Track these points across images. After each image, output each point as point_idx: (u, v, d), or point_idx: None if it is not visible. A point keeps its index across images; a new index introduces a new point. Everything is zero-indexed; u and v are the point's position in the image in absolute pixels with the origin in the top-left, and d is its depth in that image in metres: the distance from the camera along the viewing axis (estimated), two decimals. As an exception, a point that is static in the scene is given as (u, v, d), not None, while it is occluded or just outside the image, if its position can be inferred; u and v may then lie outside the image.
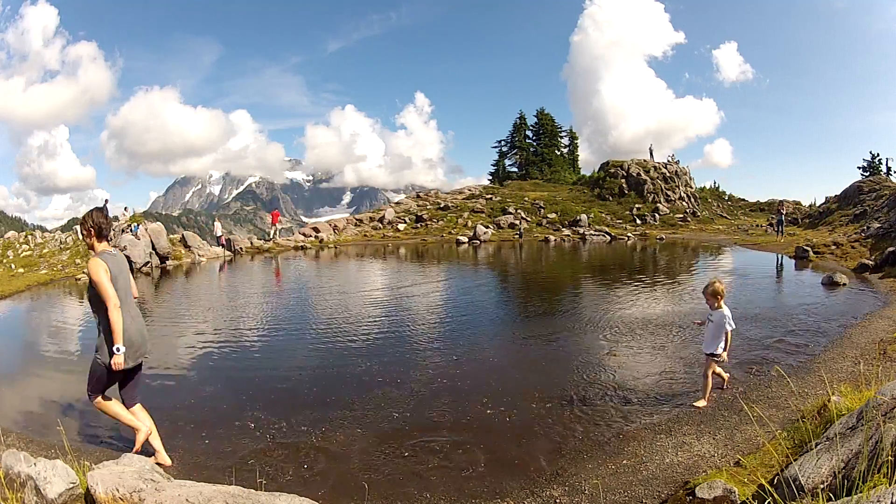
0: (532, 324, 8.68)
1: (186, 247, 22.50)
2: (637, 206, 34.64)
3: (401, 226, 33.15)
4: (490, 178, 56.40)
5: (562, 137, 55.84)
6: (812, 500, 2.09)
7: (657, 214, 33.64)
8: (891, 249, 12.12)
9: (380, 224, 33.89)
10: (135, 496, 2.54)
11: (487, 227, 30.49)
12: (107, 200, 22.57)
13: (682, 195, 36.46)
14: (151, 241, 19.61)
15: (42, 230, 28.12)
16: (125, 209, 23.19)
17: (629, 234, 29.16)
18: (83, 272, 16.83)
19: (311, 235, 30.09)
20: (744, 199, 42.85)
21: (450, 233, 30.99)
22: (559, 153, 55.04)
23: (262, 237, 29.91)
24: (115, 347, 3.40)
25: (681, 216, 33.61)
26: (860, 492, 1.85)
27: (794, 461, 2.47)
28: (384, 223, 33.91)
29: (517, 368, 6.06)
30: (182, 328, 8.81)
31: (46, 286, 15.29)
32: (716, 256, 18.94)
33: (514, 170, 55.32)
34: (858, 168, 38.96)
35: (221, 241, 24.88)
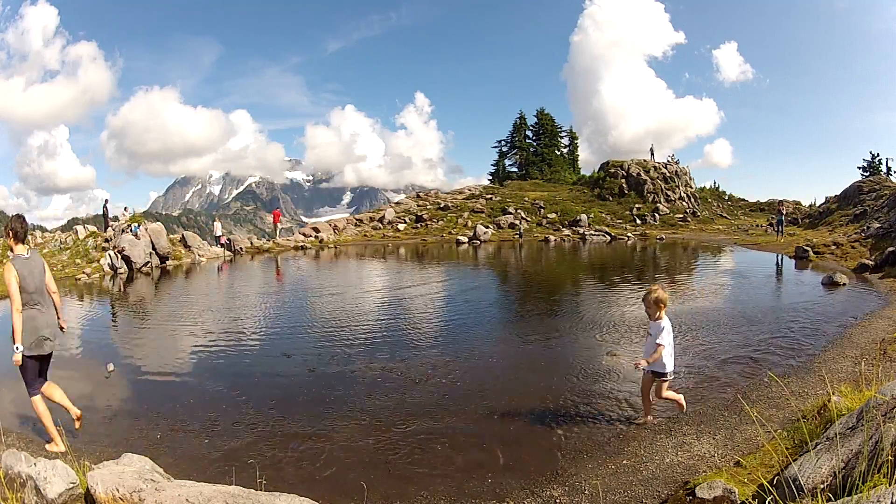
0: (532, 324, 8.68)
1: (186, 247, 22.51)
2: (637, 206, 34.64)
3: (401, 226, 33.16)
4: (490, 178, 56.38)
5: (562, 137, 55.87)
6: (812, 501, 2.09)
7: (657, 214, 33.63)
8: (891, 249, 12.12)
9: (380, 224, 33.90)
10: (135, 496, 2.54)
11: (487, 227, 30.49)
12: (107, 200, 22.55)
13: (682, 195, 36.46)
14: (151, 241, 19.62)
15: (42, 230, 28.09)
16: (125, 209, 23.15)
17: (629, 234, 29.16)
18: (83, 272, 16.85)
19: (311, 235, 30.11)
20: (744, 199, 42.83)
21: (450, 233, 30.99)
22: (559, 153, 55.02)
23: (263, 237, 29.91)
24: (15, 346, 3.81)
25: (681, 216, 33.61)
26: (860, 492, 1.85)
27: (794, 461, 2.47)
28: (384, 223, 33.92)
29: (517, 369, 6.07)
30: (182, 328, 8.82)
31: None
32: (716, 256, 18.94)
33: (514, 170, 55.30)
34: (858, 168, 39.00)
35: (221, 241, 24.89)
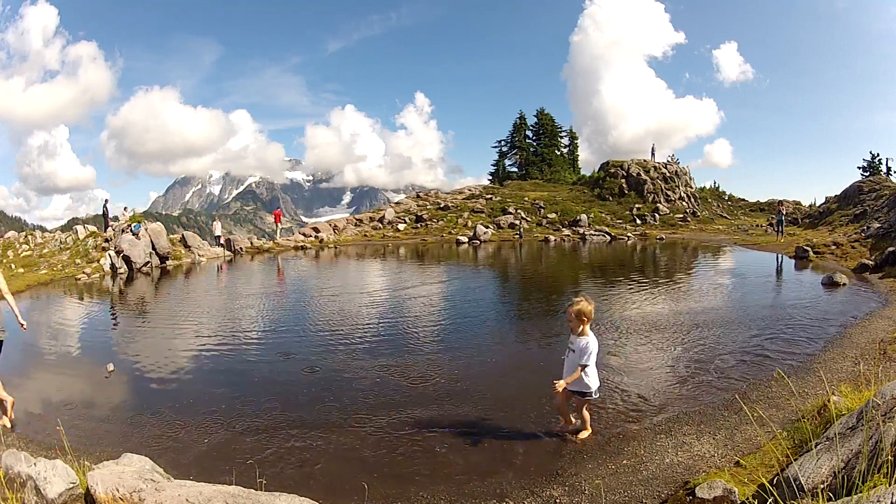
0: (532, 324, 8.68)
1: (186, 247, 22.51)
2: (637, 206, 34.63)
3: (401, 226, 33.16)
4: (490, 178, 56.36)
5: (562, 137, 55.84)
6: (812, 500, 2.09)
7: (657, 214, 33.63)
8: (891, 249, 12.12)
9: (380, 224, 33.90)
10: (135, 496, 2.54)
11: (487, 227, 30.48)
12: (107, 200, 22.54)
13: (682, 195, 36.45)
14: (151, 241, 19.61)
15: (42, 230, 28.08)
16: (125, 209, 23.15)
17: (629, 234, 29.15)
18: (83, 272, 16.85)
19: (311, 235, 30.11)
20: (744, 199, 42.83)
21: (450, 233, 30.98)
22: (559, 153, 54.98)
23: (263, 237, 29.89)
24: None
25: (681, 216, 33.60)
26: (860, 492, 1.85)
27: (794, 461, 2.47)
28: (384, 223, 33.92)
29: (517, 369, 6.07)
30: (182, 328, 8.82)
31: (46, 286, 15.27)
32: (715, 256, 18.94)
33: (514, 170, 55.26)
34: (858, 168, 39.00)
35: (221, 241, 24.88)
